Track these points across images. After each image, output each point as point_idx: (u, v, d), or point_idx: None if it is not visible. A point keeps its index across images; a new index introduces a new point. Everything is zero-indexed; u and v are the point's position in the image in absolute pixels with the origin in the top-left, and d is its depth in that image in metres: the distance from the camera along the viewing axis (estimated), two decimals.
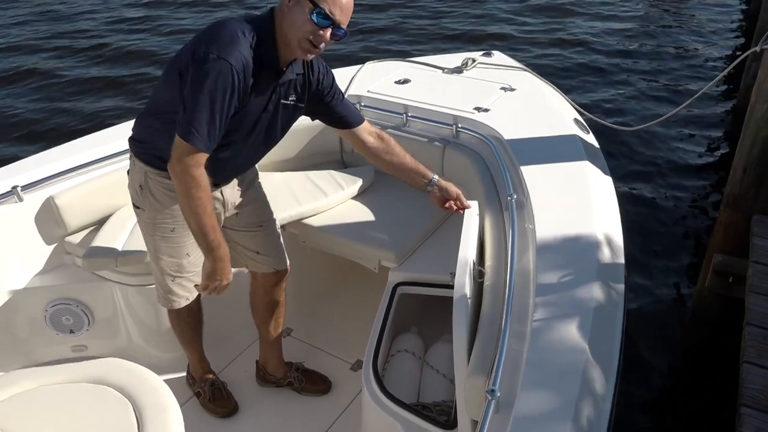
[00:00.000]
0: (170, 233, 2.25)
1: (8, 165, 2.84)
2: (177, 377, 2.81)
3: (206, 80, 1.83)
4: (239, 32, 1.90)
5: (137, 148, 2.18)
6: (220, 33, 1.89)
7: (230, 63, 1.84)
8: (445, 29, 8.55)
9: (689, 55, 7.60)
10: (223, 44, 1.86)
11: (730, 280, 3.14)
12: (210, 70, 1.83)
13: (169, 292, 2.40)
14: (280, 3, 1.96)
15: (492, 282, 2.17)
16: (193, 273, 2.38)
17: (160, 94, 2.09)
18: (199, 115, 1.86)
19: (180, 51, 1.98)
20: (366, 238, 2.78)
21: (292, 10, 1.91)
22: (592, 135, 3.14)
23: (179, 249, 2.29)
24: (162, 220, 2.22)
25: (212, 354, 2.80)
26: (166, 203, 2.19)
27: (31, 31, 8.99)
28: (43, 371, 2.10)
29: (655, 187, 5.09)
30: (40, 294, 2.78)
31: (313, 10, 1.89)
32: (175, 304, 2.44)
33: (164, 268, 2.33)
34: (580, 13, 8.99)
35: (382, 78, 3.48)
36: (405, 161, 2.39)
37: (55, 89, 7.13)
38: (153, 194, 2.18)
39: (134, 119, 2.26)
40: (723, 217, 3.22)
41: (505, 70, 3.57)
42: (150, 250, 2.32)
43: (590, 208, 2.37)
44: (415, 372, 2.47)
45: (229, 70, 1.84)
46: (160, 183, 2.16)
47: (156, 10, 9.77)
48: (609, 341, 1.90)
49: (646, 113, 6.15)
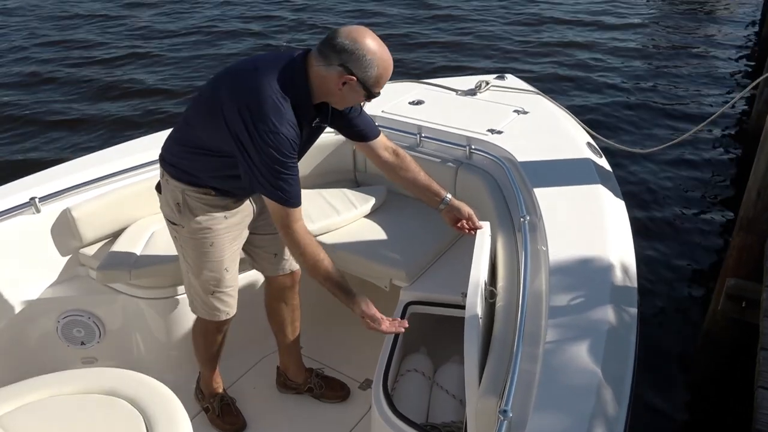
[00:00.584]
0: (210, 248, 2.30)
1: (27, 176, 2.87)
2: (187, 392, 2.81)
3: (274, 157, 1.96)
4: (281, 100, 1.97)
5: (172, 170, 2.24)
6: (266, 106, 1.96)
7: (285, 135, 1.96)
8: (460, 53, 8.60)
9: (701, 79, 7.61)
10: (273, 118, 1.95)
11: (743, 304, 3.12)
12: (272, 147, 1.95)
13: (211, 306, 2.44)
14: (321, 73, 1.99)
15: (504, 303, 2.17)
16: (231, 287, 2.44)
17: (200, 132, 2.13)
18: (281, 184, 2.01)
19: (221, 104, 2.01)
20: (377, 256, 2.79)
21: (345, 92, 2.02)
22: (605, 159, 3.15)
23: (218, 263, 2.34)
24: (202, 235, 2.27)
25: (221, 368, 2.81)
26: (205, 219, 2.25)
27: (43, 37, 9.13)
28: (55, 381, 2.11)
29: (668, 210, 5.08)
30: (53, 305, 2.81)
31: (368, 96, 2.04)
32: (217, 317, 2.48)
33: (204, 284, 2.38)
34: (592, 38, 9.02)
35: (396, 98, 3.50)
36: (419, 177, 2.43)
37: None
38: (192, 211, 2.23)
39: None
40: (736, 240, 3.20)
41: (519, 94, 3.59)
42: (189, 265, 2.36)
43: (603, 230, 2.37)
44: (425, 392, 2.46)
45: (287, 141, 1.96)
46: (199, 199, 2.22)
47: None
48: (622, 364, 1.89)
49: (659, 136, 6.16)
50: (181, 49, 8.85)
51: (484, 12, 10.30)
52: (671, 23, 9.70)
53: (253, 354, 3.05)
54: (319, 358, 3.06)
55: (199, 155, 2.16)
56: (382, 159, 2.41)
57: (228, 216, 2.29)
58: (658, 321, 3.91)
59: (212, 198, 2.24)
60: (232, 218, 2.31)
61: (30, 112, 6.89)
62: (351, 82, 1.97)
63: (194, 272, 2.36)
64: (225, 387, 2.82)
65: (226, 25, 9.77)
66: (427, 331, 2.72)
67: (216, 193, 2.23)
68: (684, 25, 9.63)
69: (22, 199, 2.72)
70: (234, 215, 2.31)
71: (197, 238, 2.28)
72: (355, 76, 1.96)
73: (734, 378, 3.25)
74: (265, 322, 2.75)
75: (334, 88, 2.01)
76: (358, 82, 1.97)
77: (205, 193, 2.22)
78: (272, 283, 2.65)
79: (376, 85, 2.02)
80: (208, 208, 2.24)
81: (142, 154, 2.99)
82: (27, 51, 8.86)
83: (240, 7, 10.73)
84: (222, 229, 2.29)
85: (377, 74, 1.99)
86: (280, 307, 2.68)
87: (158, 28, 9.73)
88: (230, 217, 2.30)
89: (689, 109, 6.83)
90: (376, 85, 2.02)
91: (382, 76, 2.01)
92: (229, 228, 2.31)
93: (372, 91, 2.03)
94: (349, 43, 1.93)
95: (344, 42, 1.94)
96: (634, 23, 9.59)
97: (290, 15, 10.31)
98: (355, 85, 1.99)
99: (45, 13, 10.68)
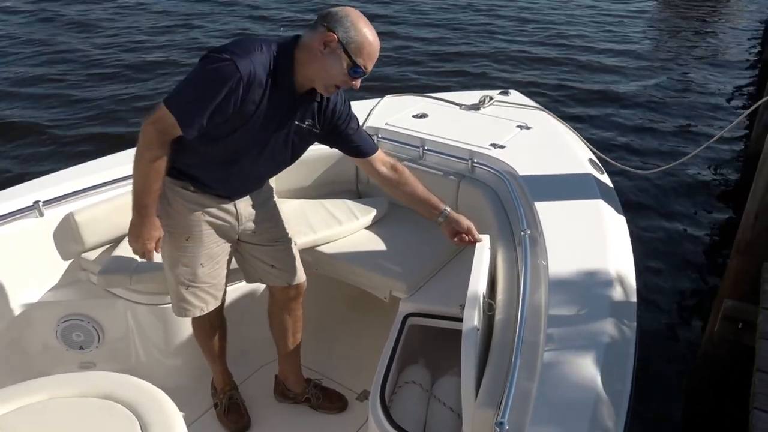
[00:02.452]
0: (185, 242, 2.31)
1: (32, 180, 2.89)
2: (185, 397, 2.81)
3: (206, 69, 1.92)
4: (258, 46, 1.98)
5: None
6: (240, 42, 1.98)
7: (236, 65, 1.90)
8: (464, 67, 8.66)
9: (703, 101, 7.67)
10: (238, 50, 1.94)
11: (739, 326, 3.12)
12: (213, 63, 1.91)
13: (182, 300, 2.44)
14: (308, 40, 2.01)
15: (503, 316, 2.18)
16: (208, 284, 2.43)
17: None
18: (186, 93, 1.95)
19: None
20: (378, 267, 2.80)
21: (325, 56, 1.99)
22: (607, 175, 3.17)
23: (194, 258, 2.35)
24: (178, 229, 2.28)
25: (231, 368, 2.83)
26: (182, 212, 2.25)
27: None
28: (53, 384, 2.11)
29: (666, 230, 5.10)
30: (53, 309, 2.81)
31: (351, 67, 2.00)
32: (188, 313, 2.48)
33: (179, 277, 2.38)
34: (597, 58, 9.08)
35: (400, 112, 3.53)
36: (417, 191, 2.43)
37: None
38: (170, 203, 2.24)
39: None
40: (734, 262, 3.22)
41: (522, 109, 3.62)
42: (165, 258, 2.37)
43: (604, 246, 2.38)
44: (422, 404, 2.46)
45: (232, 70, 1.90)
46: (176, 192, 2.23)
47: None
48: (620, 379, 1.90)
49: (660, 156, 6.20)
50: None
51: (490, 27, 10.37)
52: (674, 44, 9.78)
53: (252, 362, 3.05)
54: (317, 368, 3.06)
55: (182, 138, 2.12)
56: (380, 174, 2.42)
57: (206, 214, 2.29)
58: (655, 340, 3.92)
59: (190, 194, 2.23)
60: (210, 218, 2.30)
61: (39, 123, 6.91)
62: (332, 43, 1.96)
63: (169, 265, 2.37)
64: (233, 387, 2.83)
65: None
66: (426, 343, 2.72)
67: (195, 188, 2.23)
68: (687, 47, 9.70)
69: (26, 202, 2.74)
70: (213, 215, 2.30)
71: (173, 231, 2.28)
72: (335, 35, 1.96)
73: (730, 399, 3.25)
74: (265, 331, 2.75)
75: (317, 52, 1.99)
76: (339, 43, 1.96)
77: (183, 186, 2.21)
78: (276, 293, 2.65)
79: (357, 53, 1.98)
80: (185, 202, 2.24)
81: None
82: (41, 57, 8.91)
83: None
84: (198, 225, 2.29)
85: (359, 40, 1.97)
86: (283, 316, 2.69)
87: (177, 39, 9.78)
88: (209, 216, 2.29)
89: (691, 130, 6.89)
90: (358, 52, 1.98)
91: (364, 45, 1.98)
92: (206, 226, 2.31)
93: (354, 59, 1.98)
94: (337, 10, 1.99)
95: (332, 9, 2.00)
96: (637, 45, 9.67)
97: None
98: (336, 46, 1.97)
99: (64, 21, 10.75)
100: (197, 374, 2.94)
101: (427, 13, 11.15)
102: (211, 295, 2.48)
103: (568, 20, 10.88)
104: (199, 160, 2.16)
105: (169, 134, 1.99)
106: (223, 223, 2.35)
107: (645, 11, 11.45)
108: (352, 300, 3.39)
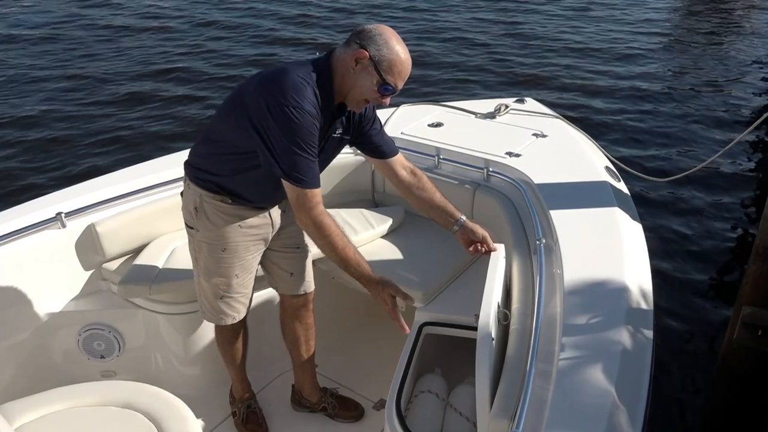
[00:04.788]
0: (221, 253, 2.35)
1: (55, 192, 2.95)
2: (203, 406, 2.85)
3: (292, 131, 2.00)
4: (303, 80, 2.03)
5: (193, 173, 2.30)
6: (288, 83, 2.02)
7: (306, 110, 2.00)
8: (480, 75, 8.66)
9: (720, 107, 7.58)
10: (293, 92, 2.00)
11: (759, 333, 3.09)
12: (292, 121, 2.00)
13: (217, 310, 2.49)
14: (341, 55, 2.08)
15: (518, 325, 2.18)
16: (241, 294, 2.48)
17: (221, 130, 2.21)
18: (299, 162, 2.05)
19: (243, 94, 2.10)
20: (394, 276, 2.79)
21: (358, 73, 2.05)
22: (623, 183, 3.16)
23: (229, 269, 2.39)
24: (215, 240, 2.33)
25: (249, 376, 2.86)
26: (219, 225, 2.30)
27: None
28: (73, 393, 2.15)
29: (684, 237, 5.06)
30: (75, 318, 2.86)
31: (381, 84, 2.05)
32: (222, 321, 2.53)
33: (214, 287, 2.43)
34: (613, 64, 9.04)
35: (415, 120, 3.54)
36: (435, 198, 2.47)
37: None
38: (207, 216, 2.29)
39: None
40: (753, 268, 3.18)
41: (538, 117, 3.62)
42: (201, 269, 2.42)
43: (620, 254, 2.38)
44: (438, 414, 2.47)
45: (308, 117, 2.01)
46: (215, 206, 2.28)
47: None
48: (636, 388, 1.90)
49: (677, 162, 6.15)
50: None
51: (505, 36, 10.36)
52: (691, 50, 9.70)
53: (269, 371, 3.07)
54: (334, 377, 3.08)
55: (220, 154, 2.22)
56: (399, 178, 2.46)
57: (243, 225, 2.33)
58: (673, 348, 3.89)
59: (228, 206, 2.28)
60: (246, 228, 2.34)
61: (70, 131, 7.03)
62: (363, 59, 2.02)
63: (205, 276, 2.42)
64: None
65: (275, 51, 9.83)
66: (442, 352, 2.73)
67: (232, 201, 2.28)
68: (704, 51, 9.62)
69: (49, 214, 2.79)
70: (249, 225, 2.35)
71: (210, 242, 2.33)
72: (367, 52, 2.01)
73: (750, 407, 3.22)
74: (281, 340, 2.78)
75: (349, 68, 2.05)
76: (370, 60, 2.02)
77: (221, 200, 2.27)
78: (286, 302, 2.69)
79: (389, 72, 2.03)
80: (222, 215, 2.29)
81: (166, 171, 3.06)
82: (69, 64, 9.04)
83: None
84: (235, 237, 2.33)
85: (390, 58, 2.02)
86: (294, 325, 2.71)
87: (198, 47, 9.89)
88: (245, 227, 2.34)
89: (708, 136, 6.82)
90: (389, 71, 2.03)
91: (395, 63, 2.03)
92: (242, 237, 2.35)
93: (384, 77, 2.03)
94: (371, 27, 2.04)
95: (366, 26, 2.05)
96: (655, 53, 9.59)
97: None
98: (367, 63, 2.02)
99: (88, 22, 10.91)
100: (215, 383, 2.97)
101: (443, 22, 11.16)
102: (243, 304, 2.54)
103: (584, 26, 10.84)
104: (245, 180, 2.24)
105: (318, 202, 2.14)
106: (259, 232, 2.39)
107: (664, 18, 11.38)
108: (368, 309, 3.41)
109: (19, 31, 10.51)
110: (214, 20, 11.15)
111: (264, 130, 2.03)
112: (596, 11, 11.64)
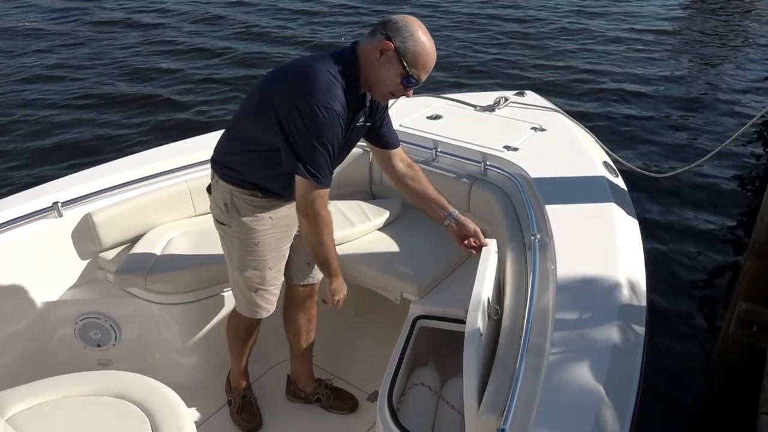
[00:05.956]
0: (255, 247, 2.38)
1: (52, 181, 2.96)
2: (198, 395, 2.87)
3: (319, 129, 2.03)
4: (332, 79, 2.05)
5: (221, 170, 2.33)
6: (319, 82, 2.03)
7: (335, 111, 2.03)
8: (479, 67, 8.62)
9: (718, 104, 7.54)
10: (324, 93, 2.02)
11: (754, 328, 3.10)
12: (320, 120, 2.02)
13: (253, 303, 2.52)
14: (366, 47, 2.09)
15: (509, 321, 2.19)
16: (275, 286, 2.52)
17: (247, 128, 2.24)
18: (319, 160, 2.07)
19: (271, 93, 2.11)
20: (389, 269, 2.82)
21: (382, 65, 2.06)
22: (621, 178, 3.15)
23: (263, 262, 2.42)
24: (247, 235, 2.35)
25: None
26: (251, 219, 2.33)
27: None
28: (67, 383, 2.16)
29: (681, 233, 5.06)
30: (71, 307, 2.87)
31: (405, 76, 2.06)
32: (257, 314, 2.56)
33: (248, 281, 2.45)
34: (616, 60, 8.98)
35: (414, 113, 3.53)
36: (428, 191, 2.50)
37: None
38: (239, 211, 2.31)
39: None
40: (748, 264, 3.19)
41: (538, 111, 3.60)
42: (234, 264, 2.45)
43: (614, 250, 2.38)
44: (431, 406, 2.48)
45: (336, 117, 2.04)
46: (246, 200, 2.31)
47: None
48: (625, 386, 1.90)
49: (676, 159, 6.13)
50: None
51: (507, 28, 10.31)
52: (692, 48, 9.64)
53: (265, 361, 3.08)
54: (329, 368, 3.09)
55: (248, 152, 2.24)
56: (396, 168, 2.49)
57: (273, 217, 2.36)
58: (668, 343, 3.89)
59: (258, 200, 2.31)
60: (277, 219, 2.37)
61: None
62: (389, 51, 2.03)
63: (239, 270, 2.44)
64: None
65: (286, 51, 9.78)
66: (436, 346, 2.74)
67: (262, 195, 2.31)
68: (706, 50, 9.56)
69: (45, 203, 2.80)
70: (280, 217, 2.38)
71: (243, 237, 2.36)
72: (393, 44, 2.02)
73: (744, 403, 3.23)
74: (279, 330, 2.79)
75: (374, 59, 2.06)
76: (395, 51, 2.02)
77: (251, 194, 2.30)
78: (293, 291, 2.70)
79: (413, 63, 2.04)
80: (254, 209, 2.32)
81: (163, 162, 3.06)
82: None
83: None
84: (267, 230, 2.36)
85: (415, 50, 2.03)
86: (297, 315, 2.73)
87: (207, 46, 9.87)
88: (275, 218, 2.37)
89: (706, 132, 6.78)
90: (414, 62, 2.04)
91: (420, 55, 2.04)
92: (274, 228, 2.38)
93: (408, 69, 2.04)
94: (397, 19, 2.05)
95: (392, 17, 2.06)
96: (657, 47, 9.53)
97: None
98: (392, 55, 2.03)
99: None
100: (211, 372, 2.99)
101: (445, 14, 11.11)
102: (276, 296, 2.57)
103: (587, 21, 10.78)
104: (270, 172, 2.25)
105: (326, 202, 2.19)
106: (289, 222, 2.42)
107: (667, 15, 11.30)
108: (363, 301, 3.41)
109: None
110: (218, 16, 11.12)
111: (290, 128, 2.05)
112: (600, 7, 11.56)
